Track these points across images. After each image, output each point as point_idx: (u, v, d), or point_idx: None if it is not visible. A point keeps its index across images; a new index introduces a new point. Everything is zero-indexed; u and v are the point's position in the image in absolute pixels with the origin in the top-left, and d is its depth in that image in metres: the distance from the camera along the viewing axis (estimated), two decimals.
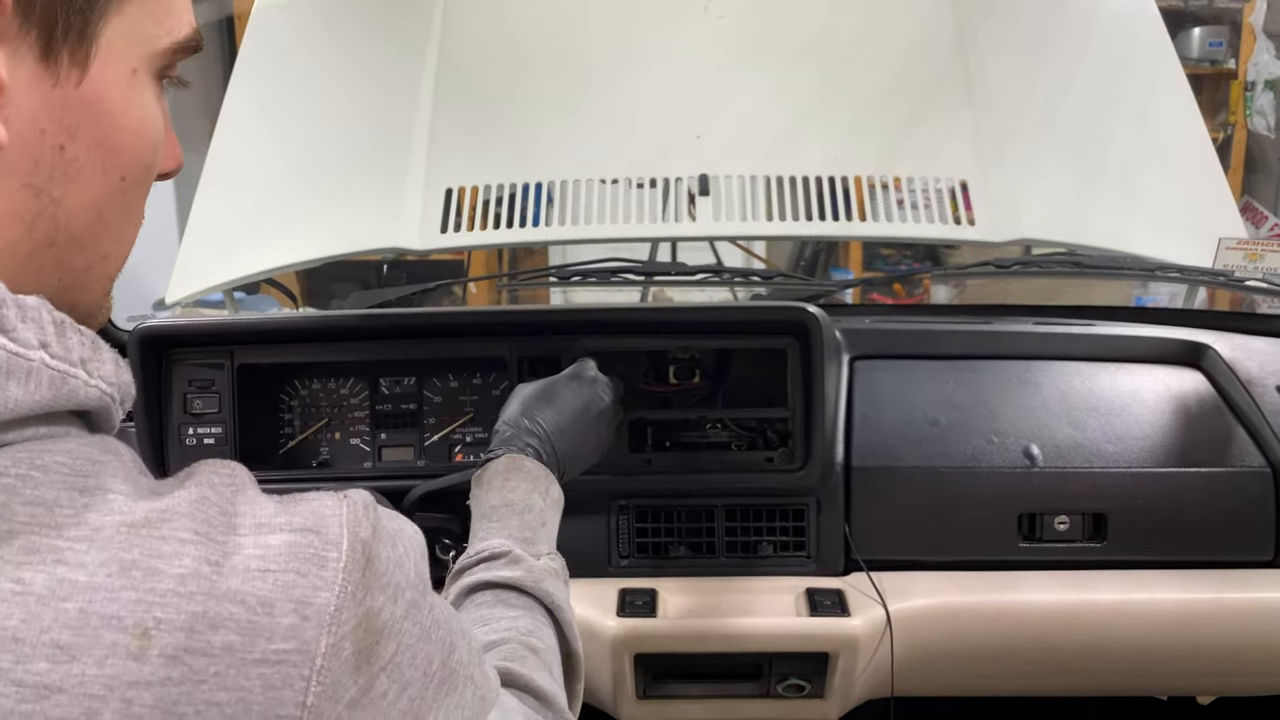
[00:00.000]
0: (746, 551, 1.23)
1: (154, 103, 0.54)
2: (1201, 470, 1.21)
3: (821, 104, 1.69)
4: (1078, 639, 1.18)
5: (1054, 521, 1.20)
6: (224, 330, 1.22)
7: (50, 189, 0.49)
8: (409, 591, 0.53)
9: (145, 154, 0.54)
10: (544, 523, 0.91)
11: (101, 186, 0.52)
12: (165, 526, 0.46)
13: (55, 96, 0.48)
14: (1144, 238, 1.60)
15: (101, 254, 0.54)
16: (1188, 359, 1.30)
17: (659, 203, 1.63)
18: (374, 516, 0.52)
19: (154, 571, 0.44)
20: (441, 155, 1.67)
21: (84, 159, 0.50)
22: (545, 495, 0.93)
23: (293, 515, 0.50)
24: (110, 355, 0.52)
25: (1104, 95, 1.69)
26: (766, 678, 1.20)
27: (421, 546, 0.58)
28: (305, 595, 0.47)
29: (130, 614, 0.43)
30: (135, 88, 0.52)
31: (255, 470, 1.26)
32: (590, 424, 1.04)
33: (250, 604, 0.45)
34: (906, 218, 1.60)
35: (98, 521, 0.45)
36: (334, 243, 1.63)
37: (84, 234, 0.52)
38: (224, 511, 0.48)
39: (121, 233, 0.55)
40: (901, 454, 1.23)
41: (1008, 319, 1.43)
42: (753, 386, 1.24)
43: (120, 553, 0.44)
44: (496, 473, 0.93)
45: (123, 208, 0.54)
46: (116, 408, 0.53)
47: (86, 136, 0.50)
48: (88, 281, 0.54)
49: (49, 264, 0.51)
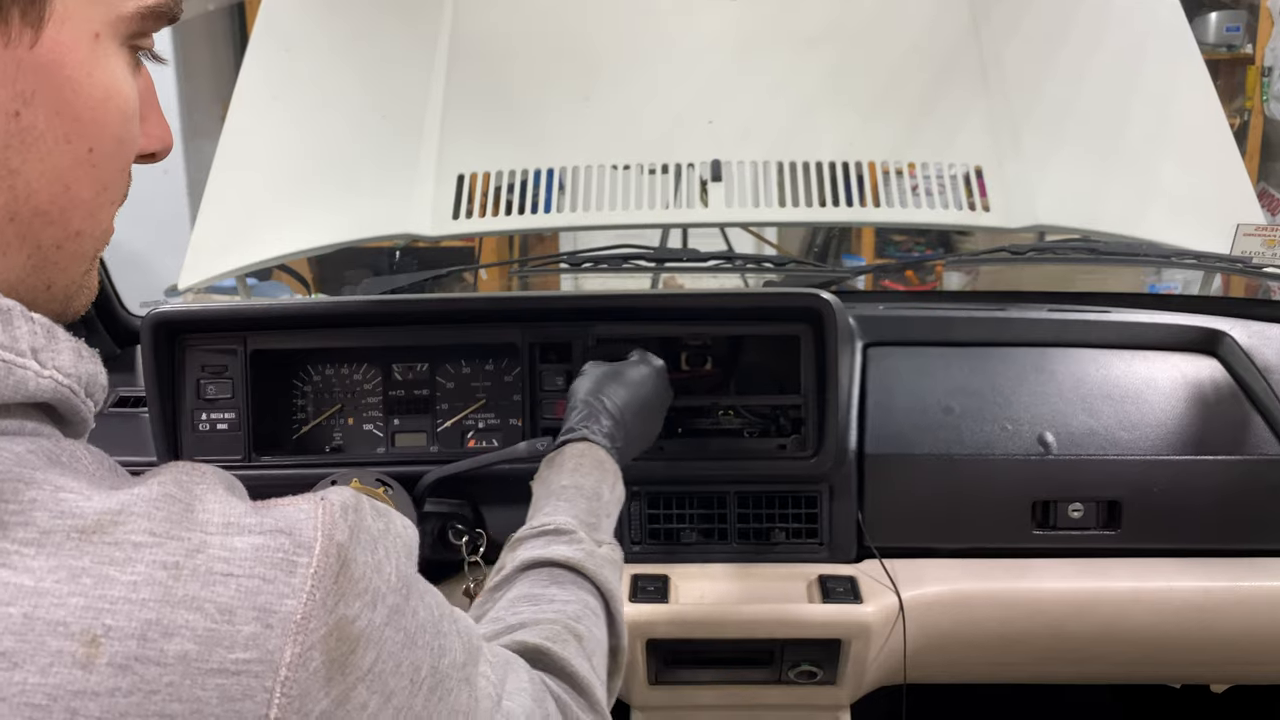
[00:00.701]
0: (759, 538, 1.23)
1: (123, 72, 0.51)
2: (1217, 458, 1.20)
3: (835, 89, 1.68)
4: (1091, 627, 1.18)
5: (1068, 509, 1.20)
6: (237, 316, 1.22)
7: (5, 158, 0.47)
8: (390, 596, 0.50)
9: (113, 125, 0.51)
10: (609, 514, 0.91)
11: (66, 158, 0.49)
12: (118, 530, 0.43)
13: (7, 59, 0.46)
14: (1160, 223, 1.59)
15: (73, 231, 0.51)
16: (1204, 346, 1.30)
17: (671, 189, 1.63)
18: (353, 519, 0.49)
19: (105, 578, 0.42)
20: (453, 141, 1.67)
21: (43, 127, 0.47)
22: (612, 489, 0.93)
23: (264, 517, 0.47)
24: (69, 345, 0.49)
25: (1120, 80, 1.67)
26: (778, 664, 1.20)
27: (408, 545, 0.54)
28: (270, 602, 0.44)
29: (78, 620, 0.41)
30: (99, 54, 0.49)
31: (268, 456, 1.27)
32: (653, 412, 1.07)
33: (208, 611, 0.43)
34: (920, 204, 1.60)
35: (46, 523, 0.42)
36: (346, 229, 1.64)
37: (49, 208, 0.49)
38: (189, 509, 0.45)
39: (95, 209, 0.52)
40: (915, 441, 1.22)
41: (1022, 306, 1.42)
42: (765, 373, 1.24)
43: (70, 559, 0.42)
44: (571, 455, 0.94)
45: (94, 182, 0.51)
46: (81, 401, 0.50)
47: (44, 103, 0.47)
48: (60, 260, 0.51)
49: (12, 239, 0.49)
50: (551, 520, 0.86)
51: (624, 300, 1.25)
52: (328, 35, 1.70)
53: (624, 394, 1.02)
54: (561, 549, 0.83)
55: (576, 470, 0.92)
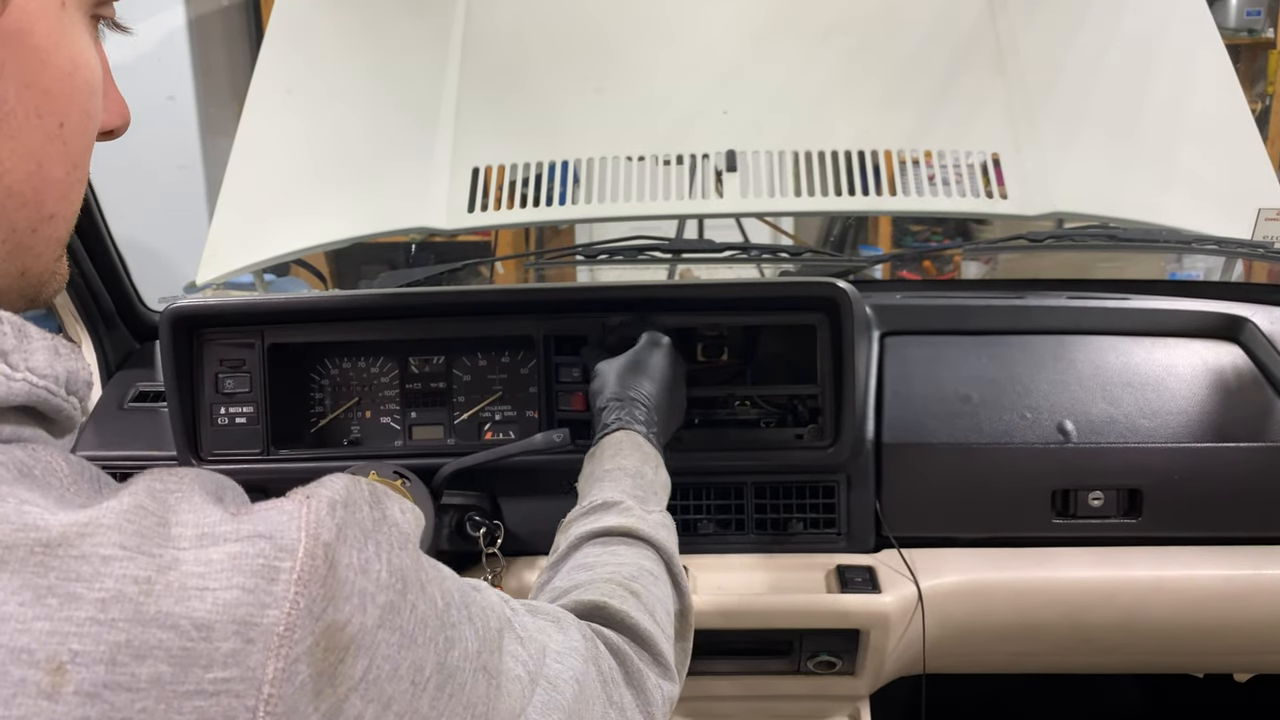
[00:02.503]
0: (776, 528, 1.23)
1: (88, 43, 0.50)
2: (1239, 445, 1.19)
3: (850, 78, 1.67)
4: (1112, 616, 1.17)
5: (1088, 497, 1.19)
6: (254, 310, 1.23)
7: None
8: (383, 595, 0.46)
9: (82, 98, 0.49)
10: (655, 492, 0.92)
11: (37, 133, 0.47)
12: (85, 543, 0.40)
13: None
14: (1180, 210, 1.57)
15: (47, 213, 0.49)
16: (1225, 332, 1.28)
17: (686, 180, 1.62)
18: (340, 515, 0.46)
19: (72, 597, 0.39)
20: (468, 134, 1.67)
21: (13, 101, 0.46)
22: (655, 470, 0.94)
23: (241, 523, 0.43)
24: (44, 343, 0.47)
25: (1139, 64, 1.66)
26: (797, 654, 1.20)
27: (406, 533, 0.51)
28: (250, 614, 0.41)
29: (43, 647, 0.38)
30: (65, 23, 0.47)
31: (287, 449, 1.28)
32: (678, 388, 1.09)
33: (184, 628, 0.40)
34: (938, 192, 1.58)
35: (8, 537, 0.39)
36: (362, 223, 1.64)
37: (23, 188, 0.47)
38: (162, 522, 0.42)
39: (66, 189, 0.50)
40: (933, 430, 1.22)
41: (1041, 293, 1.41)
42: (781, 363, 1.24)
43: (34, 577, 0.39)
44: (610, 444, 0.95)
45: (65, 160, 0.49)
46: (63, 399, 0.48)
47: (13, 76, 0.45)
48: (35, 244, 0.49)
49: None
50: (600, 497, 0.87)
51: (640, 291, 1.25)
52: (342, 30, 1.70)
53: (649, 383, 1.04)
54: (612, 519, 0.83)
55: (617, 455, 0.93)
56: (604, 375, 1.06)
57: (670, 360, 1.09)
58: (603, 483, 0.90)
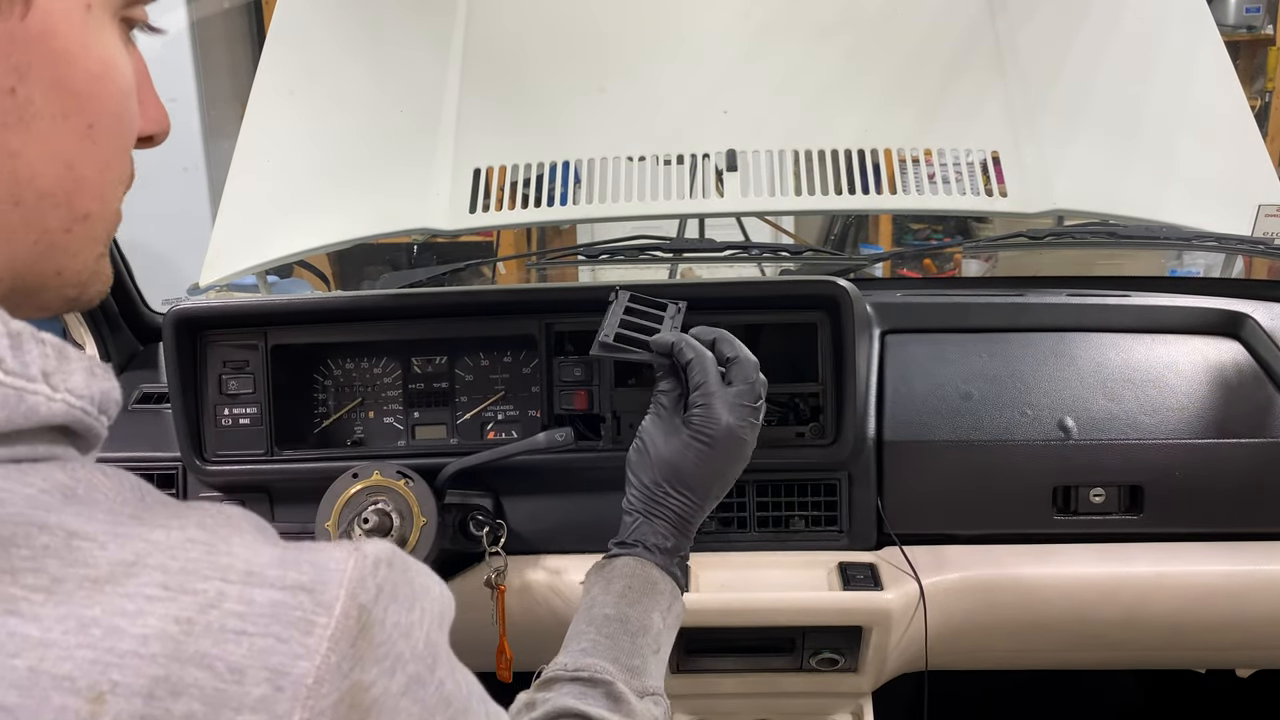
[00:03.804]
0: (778, 526, 1.23)
1: (117, 45, 0.50)
2: (1240, 441, 1.19)
3: (850, 77, 1.67)
4: (1114, 612, 1.17)
5: (1089, 494, 1.19)
6: (258, 311, 1.24)
7: (5, 139, 0.45)
8: (413, 665, 0.46)
9: (112, 100, 0.49)
10: (658, 649, 0.85)
11: (66, 135, 0.47)
12: (131, 583, 0.41)
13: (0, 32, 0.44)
14: (1180, 206, 1.58)
15: (81, 213, 0.49)
16: (1226, 329, 1.29)
17: (686, 179, 1.63)
18: (384, 575, 0.46)
19: (115, 630, 0.40)
20: (469, 135, 1.67)
21: (40, 103, 0.46)
22: (666, 613, 0.87)
23: (287, 568, 0.44)
24: (81, 364, 0.47)
25: (1138, 62, 1.66)
26: (800, 651, 1.20)
27: (443, 613, 0.51)
28: (282, 664, 0.42)
29: (84, 675, 0.39)
30: (91, 25, 0.47)
31: (290, 450, 1.28)
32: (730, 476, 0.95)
33: (219, 670, 0.40)
34: (938, 190, 1.59)
35: (58, 571, 0.40)
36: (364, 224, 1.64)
37: (54, 190, 0.47)
38: (211, 551, 0.43)
39: (102, 190, 0.50)
40: (934, 427, 1.22)
41: (1041, 291, 1.41)
42: (783, 362, 1.24)
43: (80, 609, 0.40)
44: (621, 574, 0.88)
45: (96, 160, 0.49)
46: (95, 420, 0.48)
47: (40, 78, 0.45)
48: (70, 245, 0.50)
49: (18, 225, 0.47)
50: (587, 664, 0.80)
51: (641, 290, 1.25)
52: (343, 31, 1.71)
53: (687, 494, 0.92)
54: (595, 709, 0.77)
55: (624, 596, 0.86)
56: (641, 460, 0.94)
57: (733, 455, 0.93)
58: (599, 635, 0.83)
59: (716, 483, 0.94)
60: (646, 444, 0.94)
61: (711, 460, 0.92)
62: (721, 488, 0.95)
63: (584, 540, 1.21)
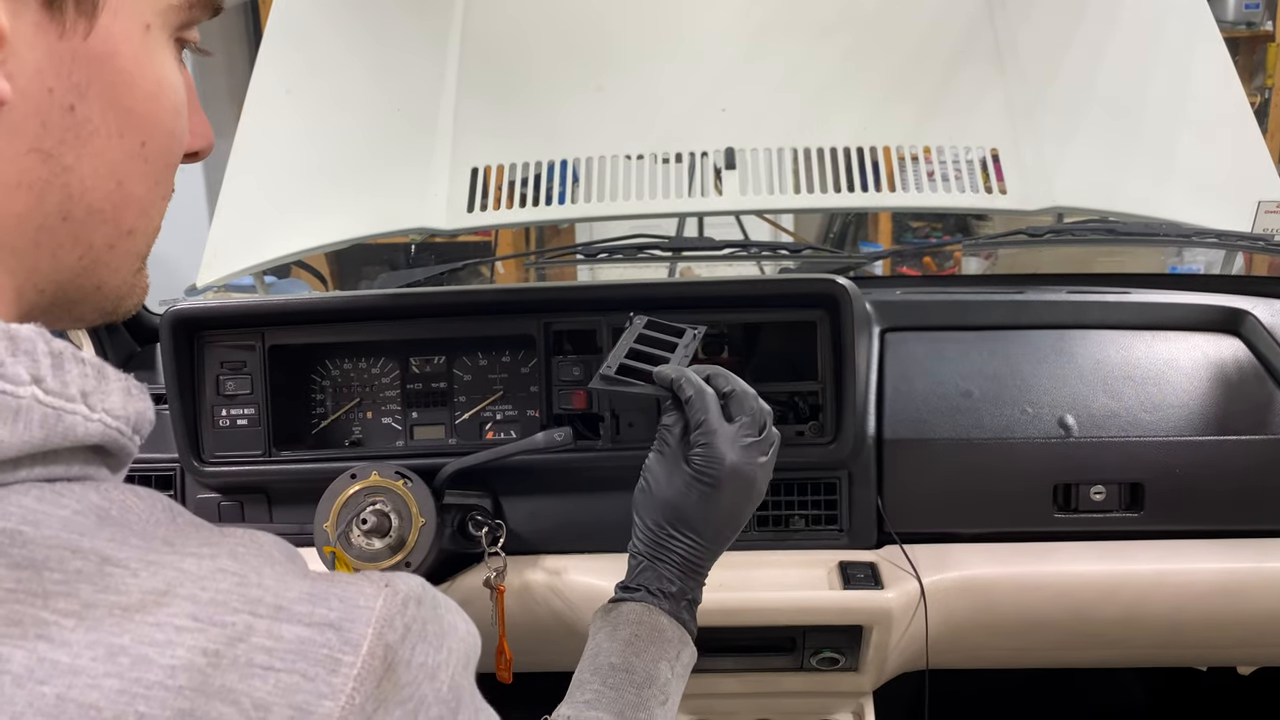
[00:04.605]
0: (778, 525, 1.23)
1: (172, 65, 0.50)
2: (1241, 438, 1.19)
3: (848, 75, 1.67)
4: (1115, 610, 1.17)
5: (1090, 492, 1.19)
6: (255, 312, 1.23)
7: (61, 154, 0.45)
8: (436, 708, 0.46)
9: (165, 118, 0.50)
10: (665, 699, 0.83)
11: (119, 152, 0.48)
12: (161, 612, 0.41)
13: (62, 50, 0.44)
14: (1180, 203, 1.57)
15: (126, 229, 0.50)
16: (1226, 325, 1.28)
17: (685, 178, 1.63)
18: (412, 614, 0.46)
19: (143, 660, 0.40)
20: (467, 134, 1.67)
21: (97, 120, 0.46)
22: (675, 662, 0.85)
23: (316, 604, 0.44)
24: (119, 385, 0.48)
25: (1138, 58, 1.66)
26: (800, 651, 1.20)
27: (468, 654, 0.51)
28: (307, 702, 0.41)
29: (111, 705, 0.39)
30: (149, 45, 0.48)
31: (288, 450, 1.28)
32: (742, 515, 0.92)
33: (244, 705, 0.40)
34: (937, 188, 1.59)
35: (90, 597, 0.40)
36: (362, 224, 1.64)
37: (103, 206, 0.48)
38: (242, 583, 0.43)
39: (147, 206, 0.51)
40: (934, 426, 1.22)
41: (1041, 288, 1.41)
42: (782, 360, 1.24)
43: (110, 636, 0.40)
44: (628, 621, 0.85)
45: (146, 178, 0.50)
46: (128, 440, 0.49)
47: (98, 96, 0.46)
48: (112, 260, 0.50)
49: (65, 240, 0.47)
50: (591, 718, 0.79)
51: (640, 290, 1.25)
52: (340, 31, 1.71)
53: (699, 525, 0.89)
54: None
55: (630, 644, 0.84)
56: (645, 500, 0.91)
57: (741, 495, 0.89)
58: (603, 686, 0.81)
59: (726, 525, 0.90)
60: (650, 483, 0.91)
61: (716, 501, 0.88)
62: (732, 529, 0.91)
63: (583, 540, 1.21)
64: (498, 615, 1.16)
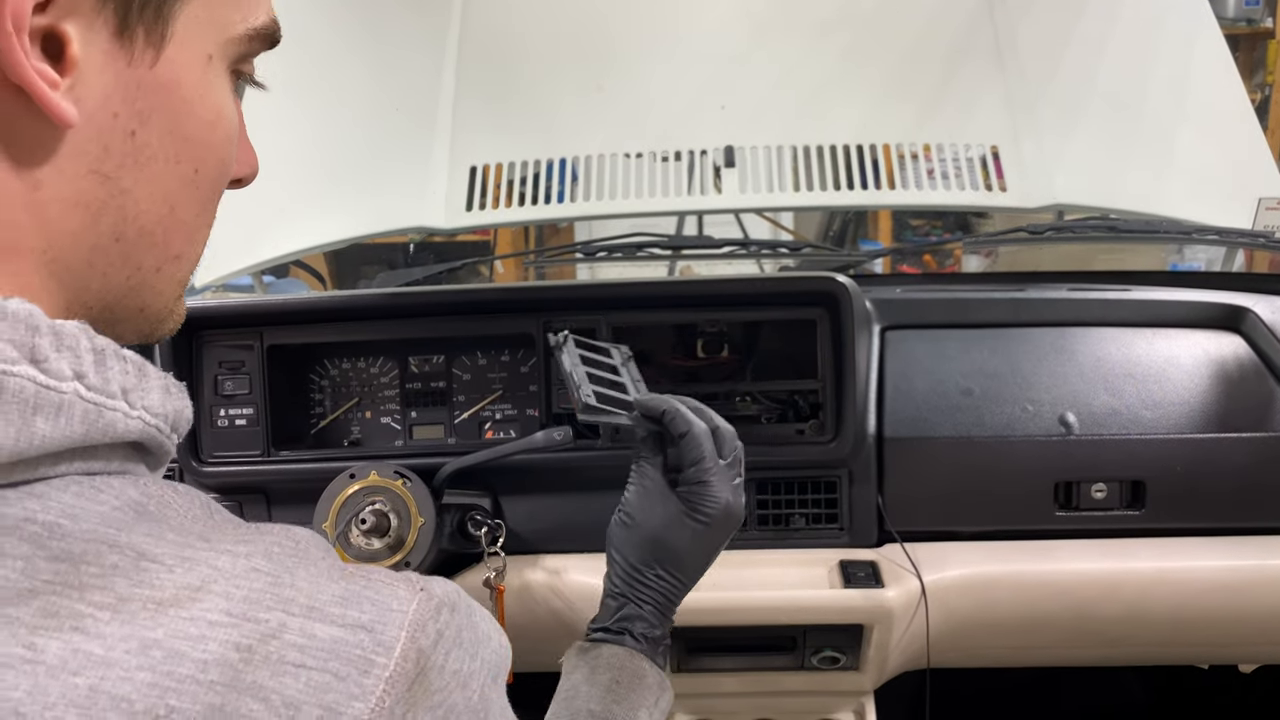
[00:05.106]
0: (778, 524, 1.22)
1: (229, 96, 0.52)
2: (1242, 435, 1.19)
3: (847, 72, 1.66)
4: (1116, 608, 1.17)
5: (1091, 489, 1.19)
6: (253, 311, 1.23)
7: (119, 177, 0.47)
8: (465, 716, 0.46)
9: (220, 147, 0.52)
10: None
11: (174, 179, 0.49)
12: (195, 607, 0.41)
13: (129, 77, 0.46)
14: (1180, 200, 1.57)
15: (174, 253, 0.52)
16: (1227, 323, 1.28)
17: (684, 176, 1.62)
18: (445, 619, 0.46)
19: (176, 654, 0.40)
20: (465, 133, 1.67)
21: (156, 146, 0.48)
22: (654, 709, 0.84)
23: (349, 605, 0.44)
24: (159, 383, 0.49)
25: (1138, 56, 1.66)
26: (801, 650, 1.20)
27: (499, 665, 0.50)
28: (337, 702, 0.42)
29: (142, 698, 0.39)
30: (210, 76, 0.50)
31: (287, 450, 1.27)
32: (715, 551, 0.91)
33: (274, 703, 0.41)
34: (937, 185, 1.59)
35: (125, 590, 0.41)
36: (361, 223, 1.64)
37: (155, 229, 0.49)
38: (275, 583, 0.43)
39: (194, 232, 0.53)
40: (934, 424, 1.21)
41: (1041, 286, 1.41)
42: (782, 359, 1.23)
43: (144, 630, 0.40)
44: (607, 665, 0.84)
45: (196, 204, 0.51)
46: (166, 437, 0.49)
47: (159, 123, 0.48)
48: (158, 283, 0.52)
49: (116, 260, 0.49)
50: None
51: (639, 288, 1.25)
52: (339, 29, 1.70)
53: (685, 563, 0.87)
54: None
55: (611, 691, 0.82)
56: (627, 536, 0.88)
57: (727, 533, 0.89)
58: None
59: (706, 563, 0.89)
60: (634, 519, 0.88)
61: (708, 539, 0.88)
62: (708, 564, 0.90)
63: (583, 540, 1.20)
64: (497, 615, 1.15)
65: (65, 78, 0.44)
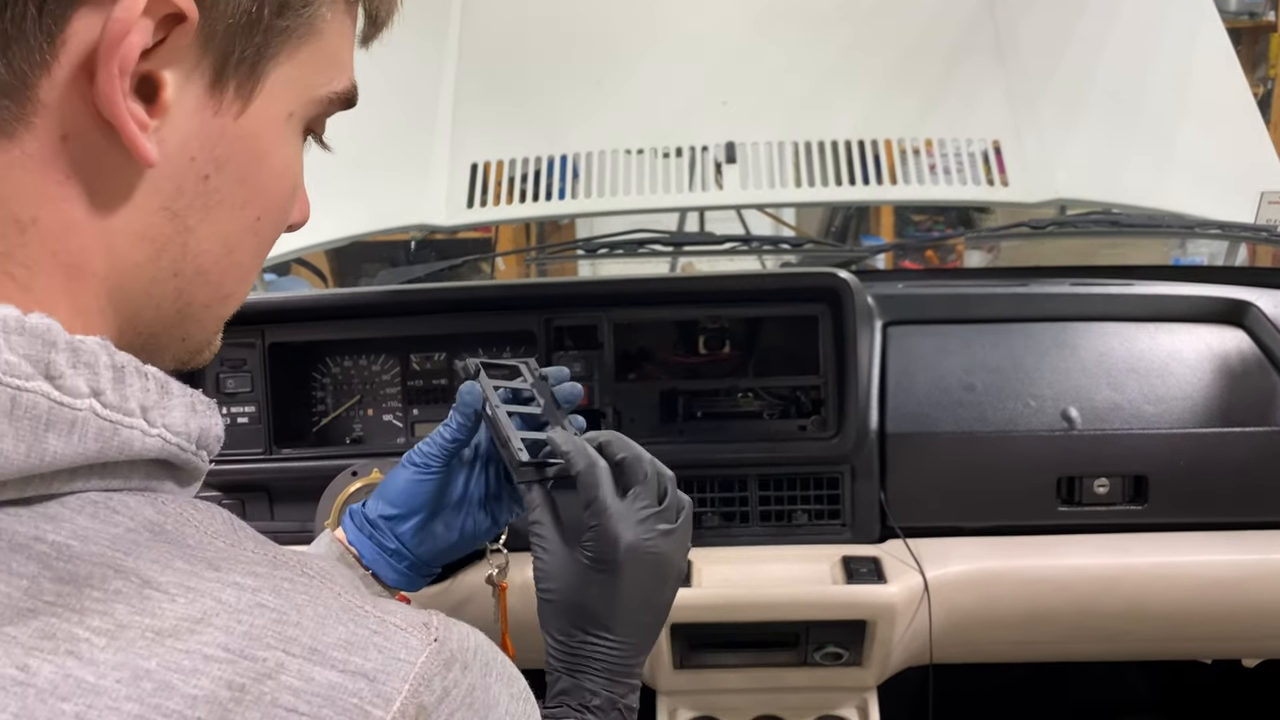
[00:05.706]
0: (781, 520, 1.22)
1: (299, 150, 0.54)
2: (1245, 430, 1.18)
3: (849, 67, 1.66)
4: (1119, 603, 1.17)
5: (1094, 484, 1.19)
6: (254, 309, 1.23)
7: (186, 216, 0.48)
8: None
9: (283, 198, 0.53)
10: None
11: (237, 223, 0.51)
12: (193, 638, 0.40)
13: (213, 126, 0.47)
14: (1183, 194, 1.57)
15: (225, 293, 0.53)
16: (1229, 317, 1.28)
17: (685, 172, 1.62)
18: (455, 677, 0.44)
19: (166, 686, 0.39)
20: (466, 130, 1.67)
21: (225, 192, 0.49)
22: None
23: (353, 651, 0.42)
24: (183, 400, 0.48)
25: (1139, 49, 1.65)
26: (803, 646, 1.20)
27: None
28: None
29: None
30: (287, 131, 0.51)
31: (289, 448, 1.27)
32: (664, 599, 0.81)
33: None
34: (939, 181, 1.58)
35: (125, 617, 0.40)
36: (362, 221, 1.64)
37: (211, 269, 0.50)
38: (280, 620, 0.42)
39: (247, 274, 0.54)
40: (937, 419, 1.21)
41: (1043, 280, 1.41)
42: (784, 354, 1.23)
43: (138, 659, 0.39)
44: None
45: (253, 249, 0.53)
46: (193, 455, 0.49)
47: (233, 170, 0.49)
48: (204, 318, 0.53)
49: (170, 294, 0.50)
50: None
51: (641, 285, 1.25)
52: None
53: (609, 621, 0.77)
54: None
55: None
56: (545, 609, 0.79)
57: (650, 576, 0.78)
58: None
59: (642, 613, 0.78)
60: (549, 589, 0.79)
61: (619, 589, 0.76)
62: (654, 615, 0.80)
63: None
64: (500, 612, 1.15)
65: (154, 119, 0.45)
